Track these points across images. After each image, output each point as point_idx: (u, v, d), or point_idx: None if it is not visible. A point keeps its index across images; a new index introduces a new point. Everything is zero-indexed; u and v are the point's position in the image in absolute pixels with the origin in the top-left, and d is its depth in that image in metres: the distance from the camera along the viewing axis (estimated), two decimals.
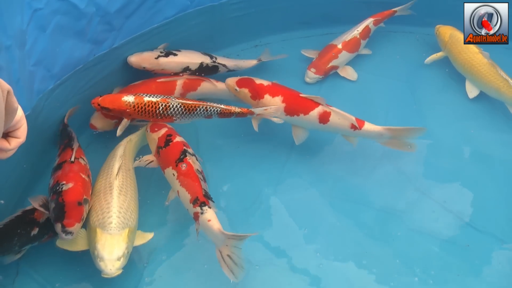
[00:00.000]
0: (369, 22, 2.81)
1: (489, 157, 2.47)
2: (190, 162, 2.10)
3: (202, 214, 1.95)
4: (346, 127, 2.28)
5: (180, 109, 2.23)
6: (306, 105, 2.33)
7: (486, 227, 2.21)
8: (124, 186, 2.08)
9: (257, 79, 2.40)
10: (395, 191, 2.34)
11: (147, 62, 2.44)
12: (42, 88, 2.14)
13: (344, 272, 2.08)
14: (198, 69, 2.56)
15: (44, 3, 1.99)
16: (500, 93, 2.50)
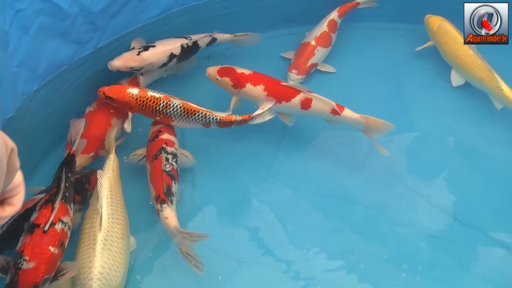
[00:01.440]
0: (334, 15, 2.81)
1: (474, 152, 2.48)
2: (161, 158, 2.14)
3: (161, 212, 2.03)
4: (327, 112, 2.32)
5: (179, 110, 2.21)
6: (287, 93, 2.35)
7: (472, 221, 2.22)
8: (110, 236, 1.91)
9: (238, 68, 2.44)
10: (381, 188, 2.35)
11: (132, 60, 2.38)
12: (27, 90, 2.14)
13: (332, 269, 2.08)
14: (182, 52, 2.54)
15: (26, 4, 1.98)
16: (483, 84, 2.51)
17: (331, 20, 2.79)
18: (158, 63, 2.48)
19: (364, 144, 2.45)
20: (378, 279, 2.05)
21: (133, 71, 2.43)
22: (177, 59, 2.54)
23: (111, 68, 2.38)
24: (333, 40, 2.78)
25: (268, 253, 2.12)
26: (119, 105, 2.20)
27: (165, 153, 2.16)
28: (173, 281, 2.02)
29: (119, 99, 2.17)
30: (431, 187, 2.36)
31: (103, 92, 2.18)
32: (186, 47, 2.54)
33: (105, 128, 2.27)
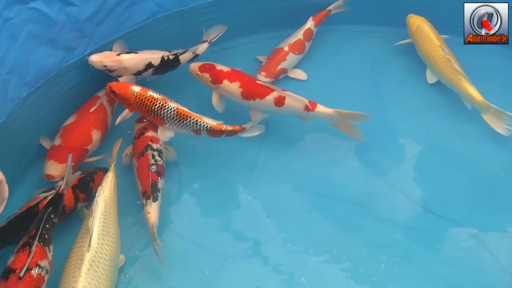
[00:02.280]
0: (310, 25, 2.80)
1: (447, 147, 2.48)
2: (148, 156, 2.17)
3: (145, 206, 2.09)
4: (300, 109, 2.32)
5: (172, 113, 2.19)
6: (262, 90, 2.37)
7: (446, 213, 2.23)
8: (98, 257, 1.82)
9: (218, 65, 2.45)
10: (360, 183, 2.35)
11: (109, 59, 2.35)
12: (16, 96, 2.13)
13: (315, 261, 2.08)
14: (161, 63, 2.48)
15: (14, 13, 1.99)
16: (452, 84, 2.53)
17: (308, 29, 2.80)
18: (132, 69, 2.43)
19: (343, 142, 2.46)
20: (359, 270, 2.05)
21: (106, 70, 2.38)
22: (154, 70, 2.48)
23: (90, 63, 2.35)
24: (307, 49, 2.78)
25: (253, 248, 2.11)
26: (120, 100, 2.21)
27: (151, 150, 2.19)
28: (162, 278, 2.00)
29: (121, 94, 2.17)
30: (406, 181, 2.35)
31: (110, 87, 2.18)
32: (166, 60, 2.50)
33: (85, 139, 2.27)
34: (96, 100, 2.33)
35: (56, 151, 2.19)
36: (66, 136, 2.23)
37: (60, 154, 2.17)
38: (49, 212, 1.85)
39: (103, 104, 2.30)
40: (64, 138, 2.22)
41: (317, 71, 2.78)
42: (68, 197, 2.05)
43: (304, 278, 2.02)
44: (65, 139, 2.22)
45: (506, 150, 2.47)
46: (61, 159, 2.16)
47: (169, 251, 2.09)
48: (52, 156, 2.17)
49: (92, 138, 2.24)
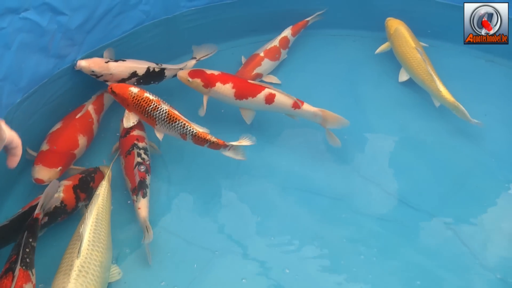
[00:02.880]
0: (287, 33, 2.80)
1: (419, 142, 2.50)
2: (134, 154, 2.19)
3: (136, 202, 2.12)
4: (289, 106, 2.34)
5: (163, 115, 2.18)
6: (254, 89, 2.37)
7: (420, 204, 2.25)
8: (87, 263, 1.77)
9: (207, 70, 2.42)
10: (339, 179, 2.36)
11: (97, 65, 2.34)
12: (11, 102, 2.12)
13: (298, 254, 2.09)
14: (145, 74, 2.45)
15: (7, 22, 1.97)
16: (425, 85, 2.55)
17: (284, 37, 2.79)
18: (117, 76, 2.40)
19: (322, 141, 2.46)
20: (340, 261, 2.07)
21: (93, 75, 2.35)
22: (137, 79, 2.45)
23: (78, 67, 2.33)
24: (282, 55, 2.76)
25: (239, 242, 2.13)
26: (119, 100, 2.21)
27: (137, 149, 2.21)
28: (153, 273, 2.01)
29: (120, 94, 2.18)
30: (383, 176, 2.37)
31: (111, 87, 2.18)
32: (151, 71, 2.46)
33: (72, 144, 2.24)
34: (81, 108, 2.33)
35: (44, 155, 2.17)
36: (53, 141, 2.21)
37: (48, 158, 2.15)
38: (27, 237, 1.79)
39: (88, 111, 2.28)
40: (52, 143, 2.20)
41: (297, 72, 2.78)
42: (69, 196, 2.08)
43: (287, 270, 2.03)
44: (53, 144, 2.20)
45: (475, 144, 2.50)
46: (49, 163, 2.14)
47: (159, 247, 2.09)
48: (40, 161, 2.14)
49: (78, 143, 2.23)
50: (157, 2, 2.60)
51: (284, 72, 2.77)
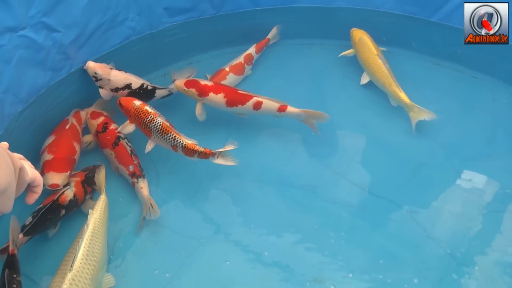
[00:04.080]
0: (251, 50, 2.79)
1: (380, 139, 2.52)
2: (123, 145, 2.25)
3: (137, 183, 2.18)
4: (274, 110, 2.38)
5: (158, 127, 2.17)
6: (243, 98, 2.39)
7: (381, 193, 2.29)
8: (78, 276, 1.70)
9: (201, 80, 2.43)
10: (310, 172, 2.38)
11: (101, 69, 2.34)
12: (12, 111, 2.13)
13: (275, 239, 2.12)
14: (138, 89, 2.41)
15: (6, 40, 1.98)
16: (384, 87, 2.58)
17: (248, 54, 2.77)
18: (114, 84, 2.37)
19: (294, 139, 2.50)
20: (313, 245, 2.09)
21: (94, 77, 2.33)
22: (130, 92, 2.41)
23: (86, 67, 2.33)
24: (246, 71, 2.75)
25: (222, 230, 2.15)
26: (124, 111, 2.23)
27: (122, 139, 2.29)
28: (145, 261, 2.03)
29: (125, 106, 2.20)
30: (348, 168, 2.39)
31: (119, 100, 2.22)
32: (144, 87, 2.42)
33: (71, 150, 2.21)
34: (67, 121, 2.30)
35: (52, 163, 2.12)
36: (54, 150, 2.17)
37: (56, 165, 2.11)
38: (10, 273, 1.70)
39: (73, 124, 2.28)
40: (53, 152, 2.16)
41: (270, 77, 2.79)
42: (79, 190, 2.11)
43: (266, 253, 2.05)
44: (55, 152, 2.15)
45: (426, 138, 2.50)
46: (59, 169, 2.11)
47: (150, 238, 2.10)
48: (50, 168, 2.09)
49: (75, 149, 2.23)
50: (142, 19, 2.58)
51: (258, 77, 2.79)
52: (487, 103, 2.69)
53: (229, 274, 2.00)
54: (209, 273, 2.01)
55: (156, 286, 1.96)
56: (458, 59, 2.83)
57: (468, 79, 2.80)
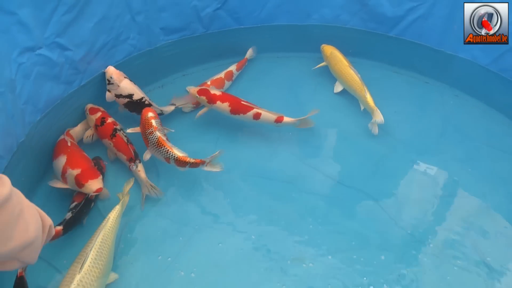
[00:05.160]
0: (232, 68, 2.76)
1: (348, 137, 2.55)
2: (120, 136, 2.26)
3: (135, 167, 2.21)
4: (272, 121, 2.41)
5: (154, 140, 2.17)
6: (245, 108, 2.41)
7: (351, 183, 2.32)
8: (85, 278, 1.69)
9: (211, 89, 2.47)
10: (289, 167, 2.39)
11: (116, 74, 2.35)
12: (32, 120, 2.14)
13: (261, 225, 2.14)
14: (137, 100, 2.39)
15: (26, 58, 1.99)
16: (356, 93, 2.62)
17: (229, 71, 2.75)
18: (120, 90, 2.36)
19: (275, 139, 2.51)
20: (294, 230, 2.12)
21: (108, 80, 2.34)
22: (128, 102, 2.39)
23: (106, 70, 2.35)
24: (226, 85, 2.72)
25: (214, 219, 2.16)
26: (141, 119, 2.25)
27: (119, 131, 2.29)
28: (150, 247, 2.04)
29: (142, 114, 2.24)
30: (322, 163, 2.41)
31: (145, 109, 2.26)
32: (142, 101, 2.40)
33: (87, 159, 2.15)
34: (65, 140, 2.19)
35: (84, 174, 2.04)
36: (77, 164, 2.07)
37: (89, 174, 2.04)
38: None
39: (71, 141, 2.22)
40: (78, 166, 2.07)
41: (253, 86, 2.80)
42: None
43: (253, 236, 2.08)
44: (79, 166, 2.07)
45: (388, 135, 2.54)
46: (93, 176, 2.04)
47: (153, 227, 2.11)
48: (86, 178, 2.02)
49: (89, 158, 2.21)
50: (142, 37, 2.58)
51: (244, 86, 2.80)
52: (437, 104, 2.73)
53: (222, 255, 2.02)
54: (204, 255, 2.02)
55: (160, 270, 1.96)
56: (413, 67, 2.88)
57: (421, 84, 2.84)
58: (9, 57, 1.92)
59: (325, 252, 2.04)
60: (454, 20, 2.59)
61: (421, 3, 2.64)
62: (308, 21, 2.90)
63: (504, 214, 2.22)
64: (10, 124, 1.97)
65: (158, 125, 2.22)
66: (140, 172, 2.21)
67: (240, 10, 2.78)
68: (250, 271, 1.98)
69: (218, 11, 2.74)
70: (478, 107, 2.71)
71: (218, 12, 2.75)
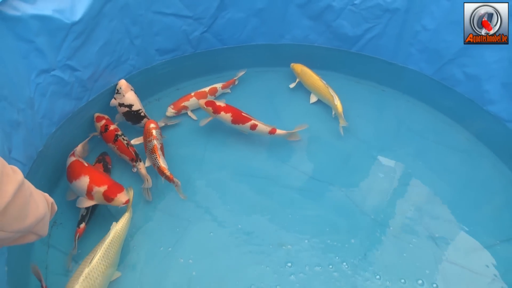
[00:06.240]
0: (218, 86, 2.74)
1: (319, 138, 2.54)
2: (121, 140, 2.27)
3: (137, 165, 2.21)
4: (266, 132, 2.41)
5: (150, 147, 2.19)
6: (244, 119, 2.42)
7: (323, 178, 2.33)
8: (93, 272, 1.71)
9: (217, 101, 2.48)
10: (270, 166, 2.40)
11: (124, 86, 2.37)
12: (48, 132, 2.17)
13: (246, 216, 2.15)
14: (135, 112, 2.39)
15: (42, 79, 2.02)
16: (329, 102, 2.63)
17: (214, 87, 2.72)
18: (123, 100, 2.37)
19: (256, 143, 2.50)
20: (275, 220, 2.14)
21: (116, 89, 2.36)
22: (127, 111, 2.38)
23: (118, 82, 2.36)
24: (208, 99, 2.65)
25: (206, 212, 2.17)
26: (144, 129, 2.29)
27: (120, 136, 2.29)
28: (152, 238, 2.05)
29: (145, 126, 2.29)
30: (299, 162, 2.42)
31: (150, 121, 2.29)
32: (138, 112, 2.40)
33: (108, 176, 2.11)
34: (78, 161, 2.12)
35: (111, 190, 1.99)
36: (102, 182, 2.02)
37: (115, 189, 2.00)
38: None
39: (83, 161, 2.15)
40: (104, 183, 2.01)
41: (236, 97, 2.78)
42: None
43: (240, 225, 2.11)
44: (105, 183, 2.01)
45: (353, 136, 2.56)
46: (119, 189, 2.01)
47: (153, 221, 2.11)
48: (114, 193, 1.99)
49: (108, 174, 2.19)
50: (139, 58, 2.59)
51: (226, 96, 2.77)
52: (392, 108, 2.77)
53: (213, 242, 2.04)
54: (198, 243, 2.03)
55: (163, 259, 1.97)
56: (371, 77, 2.90)
57: (379, 92, 2.87)
58: (28, 79, 1.95)
59: (302, 237, 2.07)
60: (402, 38, 2.69)
61: (376, 24, 2.71)
62: (281, 41, 2.93)
63: (448, 199, 2.29)
64: (30, 136, 2.00)
65: (158, 135, 2.25)
66: (141, 169, 2.22)
67: (223, 32, 2.80)
68: (239, 254, 2.00)
69: (204, 34, 2.76)
70: (426, 110, 2.75)
71: (205, 35, 2.77)
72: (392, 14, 2.63)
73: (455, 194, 2.32)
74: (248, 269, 1.96)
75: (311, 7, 2.74)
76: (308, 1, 2.72)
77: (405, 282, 1.94)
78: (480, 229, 2.16)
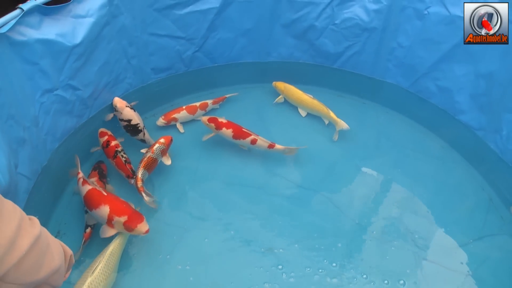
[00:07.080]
0: (209, 101, 2.74)
1: (306, 149, 2.52)
2: (119, 157, 2.26)
3: (133, 181, 2.19)
4: (265, 147, 2.42)
5: (143, 157, 2.23)
6: (244, 135, 2.43)
7: (309, 185, 2.35)
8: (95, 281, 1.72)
9: (219, 118, 2.48)
10: (258, 174, 2.41)
11: (120, 104, 2.36)
12: (52, 147, 2.19)
13: (239, 223, 2.16)
14: (133, 126, 2.39)
15: (46, 98, 2.04)
16: (319, 112, 2.68)
17: (205, 102, 2.73)
18: (122, 116, 2.37)
19: (247, 154, 2.50)
20: (266, 226, 2.15)
21: (114, 107, 2.36)
22: (126, 125, 2.39)
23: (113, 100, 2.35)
24: (198, 113, 2.69)
25: (200, 220, 2.18)
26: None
27: (119, 153, 2.28)
28: (151, 247, 2.04)
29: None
30: (285, 171, 2.43)
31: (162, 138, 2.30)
32: (136, 126, 2.41)
33: (125, 203, 2.03)
34: (97, 191, 2.04)
35: (131, 220, 1.95)
36: (122, 212, 1.96)
37: (135, 219, 1.96)
38: None
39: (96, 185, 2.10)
40: (124, 213, 1.96)
41: (226, 111, 2.77)
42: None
43: (233, 232, 2.11)
44: (125, 213, 1.96)
45: (337, 146, 2.61)
46: (140, 219, 1.96)
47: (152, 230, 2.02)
48: (136, 223, 1.95)
49: (124, 201, 2.08)
50: (136, 77, 2.62)
51: (219, 113, 2.75)
52: (373, 120, 2.82)
53: (208, 249, 2.05)
54: (194, 249, 2.04)
55: (161, 266, 1.97)
56: (352, 91, 2.95)
57: (359, 105, 2.93)
58: (33, 98, 1.98)
59: (292, 241, 2.08)
60: (380, 54, 2.76)
61: (356, 42, 2.78)
62: (268, 58, 2.98)
63: (425, 202, 2.34)
64: (35, 152, 2.02)
65: (157, 150, 2.27)
66: (137, 183, 2.16)
67: (214, 51, 2.83)
68: (232, 259, 2.02)
69: (196, 53, 2.80)
70: (404, 120, 2.82)
71: (196, 54, 2.81)
72: (370, 33, 2.72)
73: (431, 198, 2.36)
74: (242, 272, 1.98)
75: (295, 27, 2.80)
76: (293, 22, 2.78)
77: (388, 282, 1.97)
78: (455, 229, 2.21)
